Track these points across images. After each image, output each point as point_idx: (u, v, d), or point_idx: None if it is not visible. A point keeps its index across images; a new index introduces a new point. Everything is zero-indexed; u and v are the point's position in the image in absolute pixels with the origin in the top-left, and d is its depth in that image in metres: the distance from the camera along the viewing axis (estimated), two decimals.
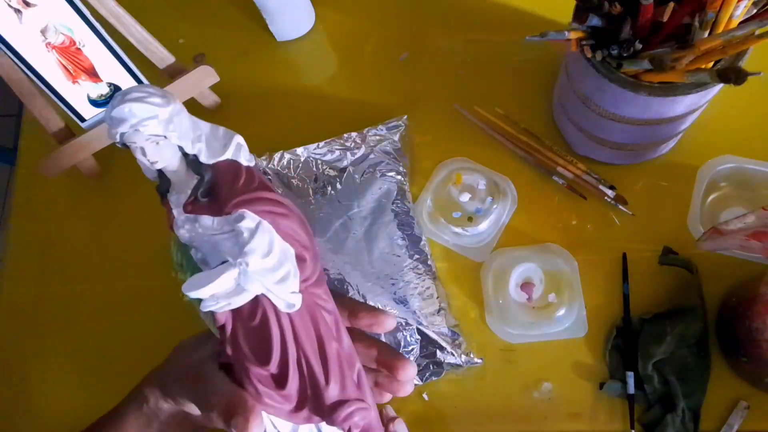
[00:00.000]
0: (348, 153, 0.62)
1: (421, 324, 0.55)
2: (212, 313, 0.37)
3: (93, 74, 0.62)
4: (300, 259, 0.36)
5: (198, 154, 0.35)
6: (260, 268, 0.33)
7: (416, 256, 0.58)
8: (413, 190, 0.63)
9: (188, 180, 0.35)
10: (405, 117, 0.64)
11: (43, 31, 0.58)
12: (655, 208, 0.60)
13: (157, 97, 0.33)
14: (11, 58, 0.58)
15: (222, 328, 0.37)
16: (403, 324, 0.55)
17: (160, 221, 0.70)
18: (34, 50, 0.58)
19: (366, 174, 0.61)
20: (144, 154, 0.34)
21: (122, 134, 0.33)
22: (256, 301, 0.36)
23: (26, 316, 0.66)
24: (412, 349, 0.55)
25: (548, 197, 0.62)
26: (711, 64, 0.47)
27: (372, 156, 0.62)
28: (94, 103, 0.63)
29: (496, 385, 0.57)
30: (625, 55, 0.48)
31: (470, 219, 0.60)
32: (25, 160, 0.73)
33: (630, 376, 0.53)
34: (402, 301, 0.56)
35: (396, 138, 0.63)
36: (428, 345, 0.55)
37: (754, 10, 0.45)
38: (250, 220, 0.33)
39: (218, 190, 0.34)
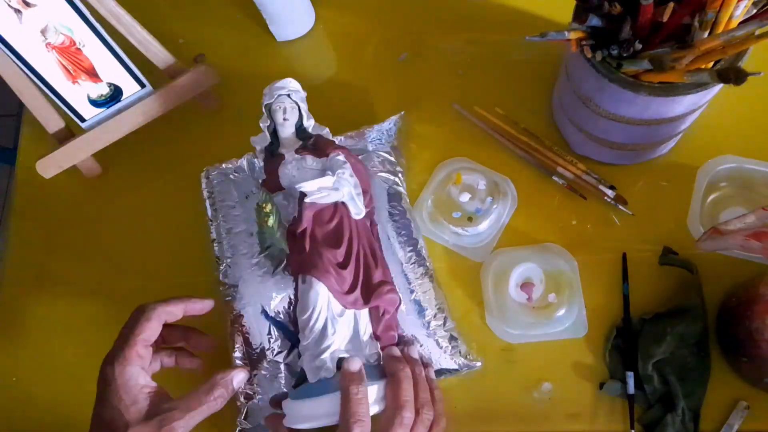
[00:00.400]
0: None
1: (416, 327, 0.55)
2: (284, 228, 0.54)
3: (93, 74, 0.62)
4: (364, 192, 0.55)
5: (308, 127, 0.56)
6: (348, 179, 0.53)
7: (413, 259, 0.58)
8: (413, 190, 0.63)
9: (294, 142, 0.55)
10: (402, 113, 0.64)
11: (43, 31, 0.58)
12: (655, 208, 0.60)
13: (300, 85, 0.55)
14: (11, 58, 0.58)
15: (304, 231, 0.52)
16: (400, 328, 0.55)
17: (159, 222, 0.70)
18: (34, 50, 0.58)
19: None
20: (285, 112, 0.54)
21: (279, 95, 0.54)
22: (336, 208, 0.53)
23: (26, 316, 0.66)
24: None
25: (548, 197, 0.62)
26: (711, 64, 0.47)
27: (368, 155, 0.61)
28: (94, 103, 0.63)
29: (496, 385, 0.57)
30: (625, 55, 0.48)
31: (470, 219, 0.60)
32: (25, 160, 0.73)
33: (630, 376, 0.53)
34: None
35: (393, 137, 0.63)
36: (423, 350, 0.55)
37: (754, 10, 0.45)
38: (343, 156, 0.54)
39: (319, 145, 0.55)
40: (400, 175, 0.61)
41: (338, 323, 0.50)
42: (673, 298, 0.56)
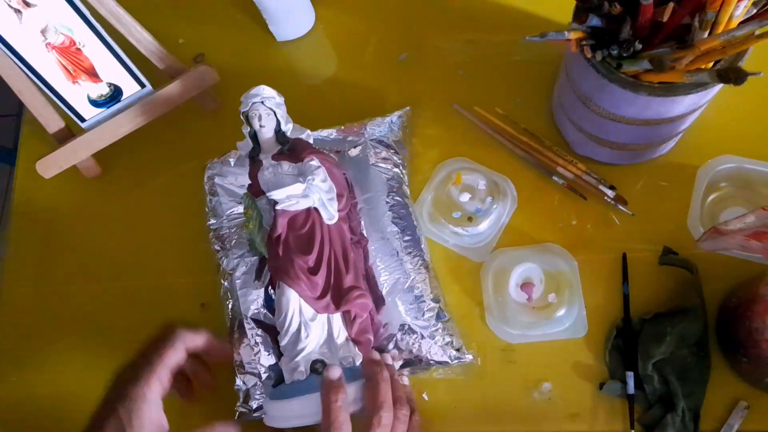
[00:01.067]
0: (347, 143, 0.62)
1: (410, 317, 0.55)
2: (265, 232, 0.54)
3: (93, 74, 0.62)
4: (338, 195, 0.55)
5: (286, 131, 0.56)
6: (319, 185, 0.53)
7: (410, 249, 0.58)
8: (413, 190, 0.63)
9: (274, 146, 0.56)
10: (407, 108, 0.65)
11: (43, 31, 0.58)
12: (655, 208, 0.60)
13: (275, 92, 0.56)
14: (11, 58, 0.58)
15: (278, 236, 0.53)
16: (392, 318, 0.55)
17: (159, 222, 0.70)
18: (34, 50, 0.58)
19: (364, 164, 0.60)
20: (260, 119, 0.54)
21: (253, 103, 0.54)
22: (309, 213, 0.53)
23: (26, 316, 0.66)
24: (400, 341, 0.55)
25: (548, 197, 0.62)
26: (711, 64, 0.47)
27: (370, 146, 0.61)
28: (94, 103, 0.63)
29: (496, 385, 0.57)
30: (625, 55, 0.48)
31: (470, 219, 0.60)
32: (25, 160, 0.73)
33: (630, 376, 0.53)
34: (392, 293, 0.56)
35: (396, 129, 0.63)
36: (416, 340, 0.55)
37: (754, 10, 0.45)
38: (316, 161, 0.54)
39: (296, 150, 0.55)
40: (401, 167, 0.61)
41: (311, 327, 0.51)
42: (673, 298, 0.56)
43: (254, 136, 0.56)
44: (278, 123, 0.55)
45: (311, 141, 0.58)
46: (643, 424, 0.53)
